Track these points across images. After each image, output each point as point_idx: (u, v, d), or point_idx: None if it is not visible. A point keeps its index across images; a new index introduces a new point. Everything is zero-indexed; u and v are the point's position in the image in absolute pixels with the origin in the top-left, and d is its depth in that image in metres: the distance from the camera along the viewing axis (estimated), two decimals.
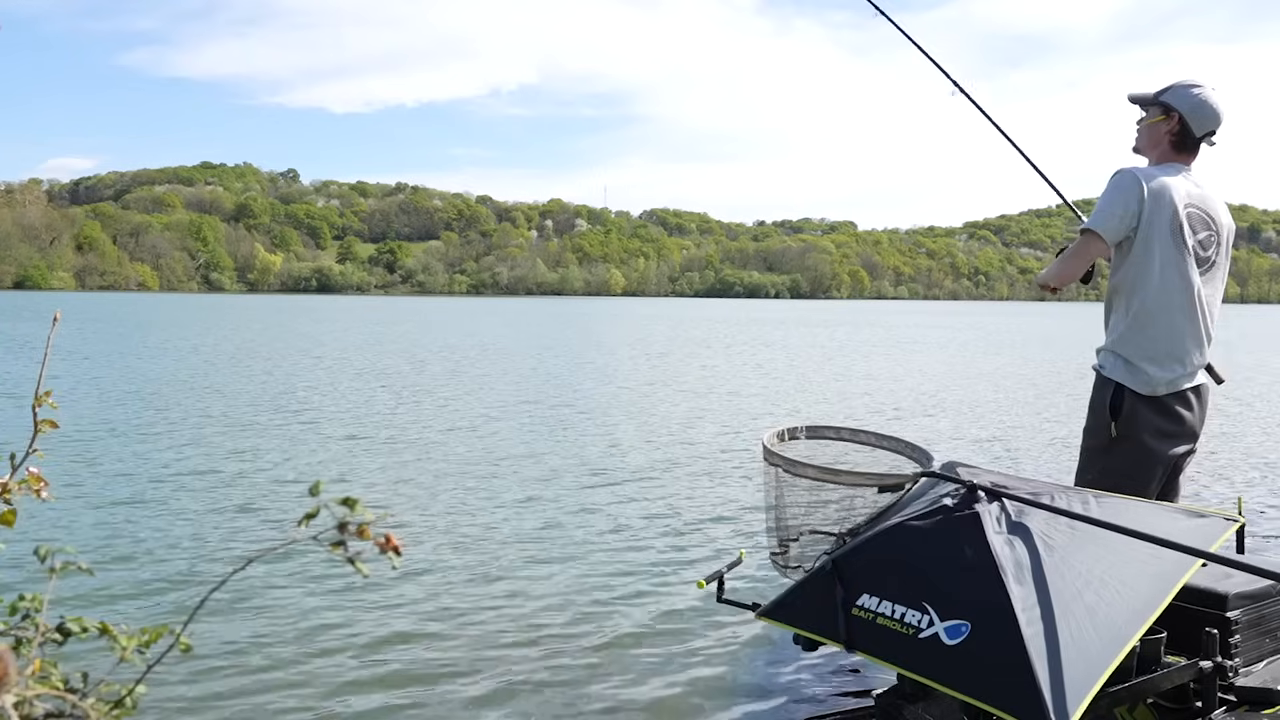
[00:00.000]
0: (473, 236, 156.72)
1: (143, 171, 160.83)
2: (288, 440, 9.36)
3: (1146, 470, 2.99)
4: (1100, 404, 3.04)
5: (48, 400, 1.22)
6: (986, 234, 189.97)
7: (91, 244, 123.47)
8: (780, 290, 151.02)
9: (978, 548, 2.27)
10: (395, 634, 4.20)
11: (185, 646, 0.92)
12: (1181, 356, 3.01)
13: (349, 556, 0.86)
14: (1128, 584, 2.25)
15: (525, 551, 5.55)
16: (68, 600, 4.36)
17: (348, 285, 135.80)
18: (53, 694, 0.85)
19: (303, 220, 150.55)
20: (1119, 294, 3.06)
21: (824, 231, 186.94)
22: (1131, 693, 2.29)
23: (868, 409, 12.53)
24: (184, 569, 5.08)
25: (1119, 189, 2.97)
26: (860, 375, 17.89)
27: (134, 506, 6.48)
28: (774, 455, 2.99)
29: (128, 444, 8.94)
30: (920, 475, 2.77)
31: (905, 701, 2.46)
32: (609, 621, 4.41)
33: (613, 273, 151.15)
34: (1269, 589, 2.64)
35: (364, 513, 0.86)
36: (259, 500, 6.72)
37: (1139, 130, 3.17)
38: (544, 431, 10.21)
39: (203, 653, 3.86)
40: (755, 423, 10.87)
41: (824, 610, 2.42)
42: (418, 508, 6.60)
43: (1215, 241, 3.07)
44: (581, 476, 7.78)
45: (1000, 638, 2.09)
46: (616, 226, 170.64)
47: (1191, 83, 3.09)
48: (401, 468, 8.05)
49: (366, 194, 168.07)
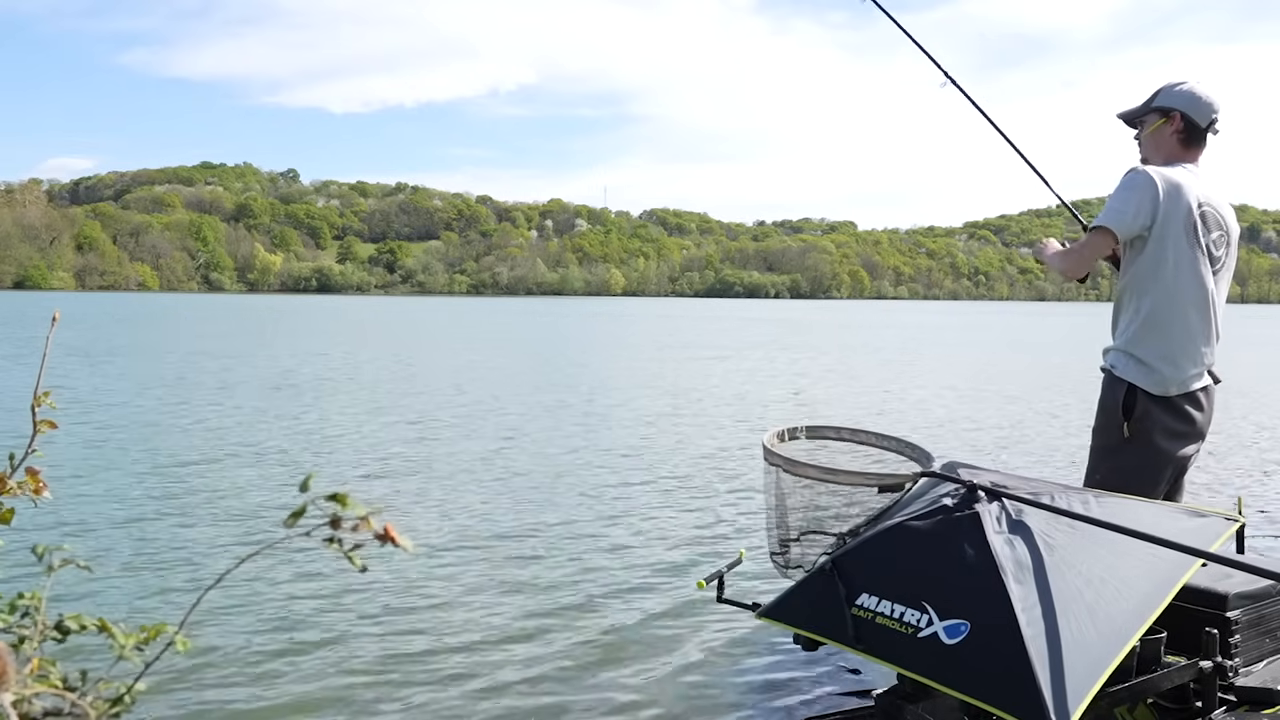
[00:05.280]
0: (473, 236, 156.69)
1: (143, 171, 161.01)
2: (289, 440, 9.35)
3: (1156, 470, 2.98)
4: (1112, 404, 3.02)
5: (47, 400, 1.22)
6: (986, 234, 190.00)
7: (91, 244, 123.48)
8: (780, 290, 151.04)
9: (978, 547, 2.27)
10: (393, 633, 4.20)
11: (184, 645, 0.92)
12: (1195, 356, 3.00)
13: (346, 552, 0.85)
14: (1128, 584, 2.24)
15: (524, 551, 5.55)
16: (66, 600, 4.36)
17: (348, 285, 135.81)
18: (52, 692, 0.84)
19: (303, 220, 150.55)
20: (1130, 293, 3.04)
21: (824, 231, 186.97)
22: (1131, 693, 2.29)
23: (868, 409, 12.53)
24: (182, 567, 5.07)
25: (1134, 187, 2.96)
26: (861, 376, 17.89)
27: (134, 506, 6.47)
28: (774, 455, 2.98)
29: (128, 444, 8.94)
30: (920, 475, 2.77)
31: (905, 701, 2.46)
32: (608, 621, 4.41)
33: (613, 273, 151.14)
34: (1269, 589, 2.64)
35: (355, 508, 0.85)
36: (260, 499, 6.72)
37: (1141, 142, 3.17)
38: (543, 431, 10.20)
39: (201, 651, 3.86)
40: (755, 422, 10.87)
41: (824, 610, 2.42)
42: (415, 507, 6.60)
43: (1225, 241, 3.07)
44: (581, 476, 7.78)
45: (1000, 637, 2.09)
46: (616, 226, 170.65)
47: (1177, 81, 3.11)
48: (401, 467, 8.05)
49: (366, 194, 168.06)
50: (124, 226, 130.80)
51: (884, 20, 3.86)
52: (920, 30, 3.75)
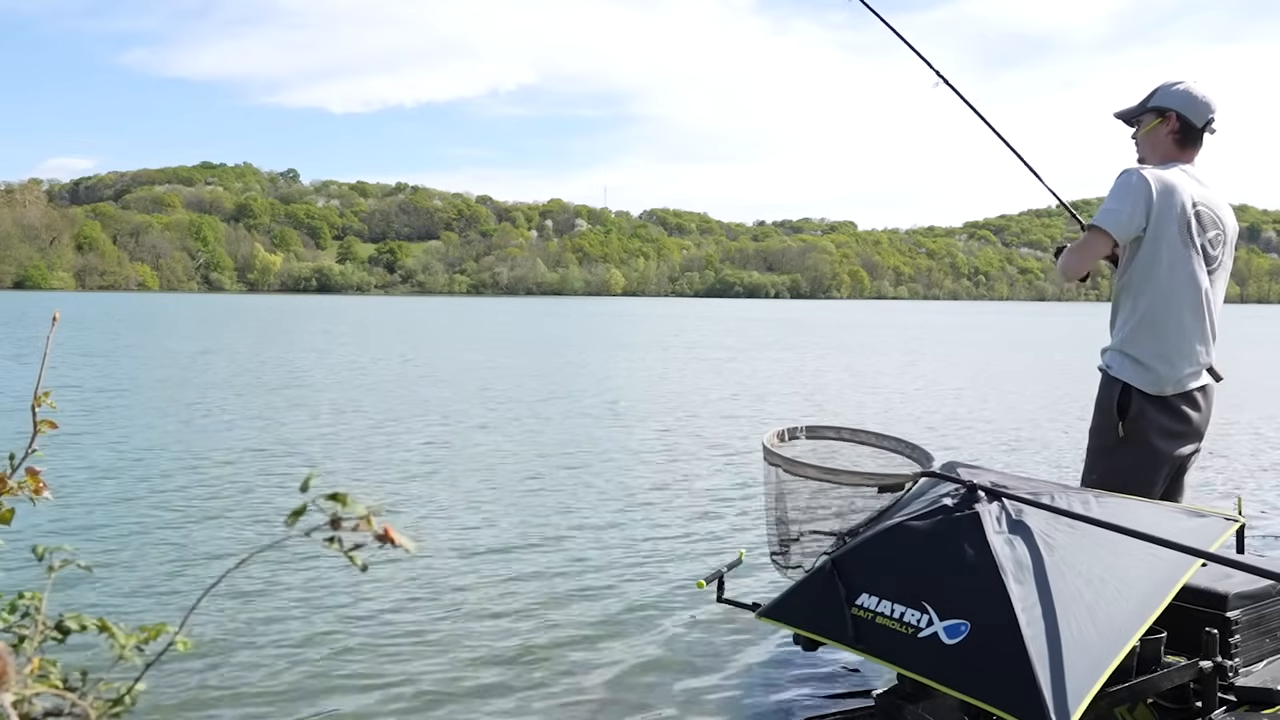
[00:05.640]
0: (473, 236, 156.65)
1: (143, 171, 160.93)
2: (290, 439, 9.35)
3: (1153, 470, 2.98)
4: (1108, 403, 3.02)
5: (47, 400, 1.22)
6: (986, 234, 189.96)
7: (91, 244, 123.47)
8: (780, 290, 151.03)
9: (978, 547, 2.27)
10: (393, 633, 4.20)
11: (184, 645, 0.92)
12: (1190, 356, 3.00)
13: (346, 551, 0.85)
14: (1128, 584, 2.25)
15: (523, 551, 5.54)
16: (65, 598, 4.36)
17: (348, 285, 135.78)
18: (52, 692, 0.85)
19: (303, 220, 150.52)
20: (1127, 293, 3.05)
21: (824, 231, 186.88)
22: (1131, 692, 2.29)
23: (868, 409, 12.53)
24: (183, 568, 5.07)
25: (1128, 188, 2.95)
26: (861, 376, 17.88)
27: (133, 505, 6.47)
28: (774, 455, 2.98)
29: (127, 443, 8.94)
30: (920, 475, 2.77)
31: (905, 701, 2.46)
32: (608, 621, 4.41)
33: (613, 273, 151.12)
34: (1269, 589, 2.64)
35: (355, 507, 0.85)
36: (261, 498, 6.72)
37: (1138, 142, 3.18)
38: (543, 431, 10.20)
39: (202, 651, 3.86)
40: (756, 422, 10.87)
41: (824, 610, 2.42)
42: (415, 507, 6.60)
43: (1222, 241, 3.07)
44: (581, 476, 7.78)
45: (1000, 637, 2.09)
46: (616, 226, 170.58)
47: (1174, 81, 3.11)
48: (401, 468, 8.05)
49: (366, 194, 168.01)
50: (124, 226, 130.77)
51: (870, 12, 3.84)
52: (919, 30, 3.79)
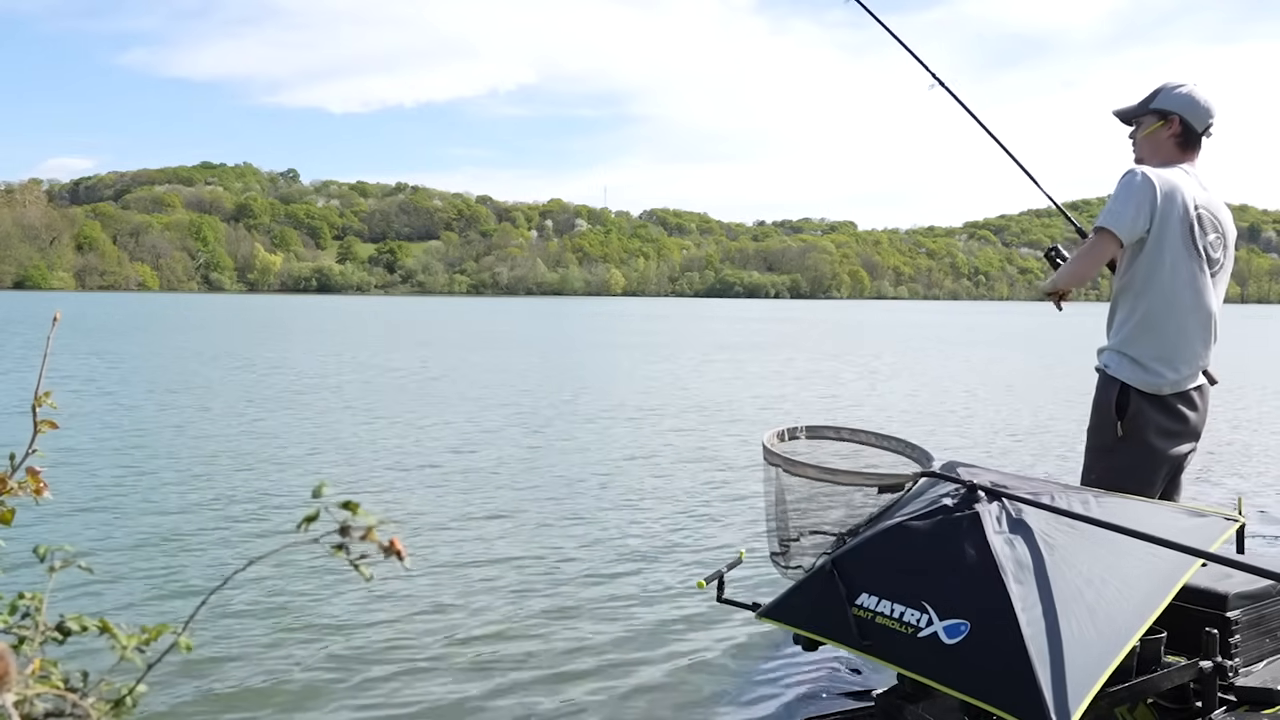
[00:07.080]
0: (473, 236, 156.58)
1: (143, 171, 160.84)
2: (291, 439, 9.35)
3: (1151, 469, 2.99)
4: (1106, 403, 3.03)
5: (47, 400, 1.22)
6: (986, 234, 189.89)
7: (91, 244, 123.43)
8: (780, 290, 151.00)
9: (978, 547, 2.27)
10: (393, 634, 4.20)
11: (186, 646, 0.92)
12: (1189, 357, 3.00)
13: (353, 560, 0.85)
14: (1128, 584, 2.25)
15: (523, 551, 5.55)
16: (64, 598, 4.36)
17: (348, 285, 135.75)
18: (53, 693, 0.85)
19: (303, 220, 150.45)
20: (1127, 294, 3.05)
21: (824, 231, 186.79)
22: (1131, 692, 2.29)
23: (869, 409, 12.53)
24: (186, 569, 5.07)
25: (1131, 189, 2.95)
26: (861, 375, 17.88)
27: (132, 505, 6.47)
28: (774, 455, 2.98)
29: (126, 443, 8.94)
30: (920, 475, 2.77)
31: (905, 701, 2.46)
32: (608, 622, 4.41)
33: (613, 273, 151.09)
34: (1269, 589, 2.64)
35: (365, 516, 0.85)
36: (263, 500, 6.72)
37: (1136, 143, 3.17)
38: (542, 432, 10.20)
39: (203, 653, 3.86)
40: (756, 422, 10.86)
41: (824, 610, 2.42)
42: (416, 509, 6.60)
43: (1223, 243, 3.07)
44: (579, 476, 7.78)
45: (1000, 637, 2.09)
46: (616, 226, 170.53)
47: (1177, 83, 3.11)
48: (401, 468, 8.05)
49: (366, 194, 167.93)
50: (124, 226, 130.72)
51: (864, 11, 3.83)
52: (916, 30, 3.81)
